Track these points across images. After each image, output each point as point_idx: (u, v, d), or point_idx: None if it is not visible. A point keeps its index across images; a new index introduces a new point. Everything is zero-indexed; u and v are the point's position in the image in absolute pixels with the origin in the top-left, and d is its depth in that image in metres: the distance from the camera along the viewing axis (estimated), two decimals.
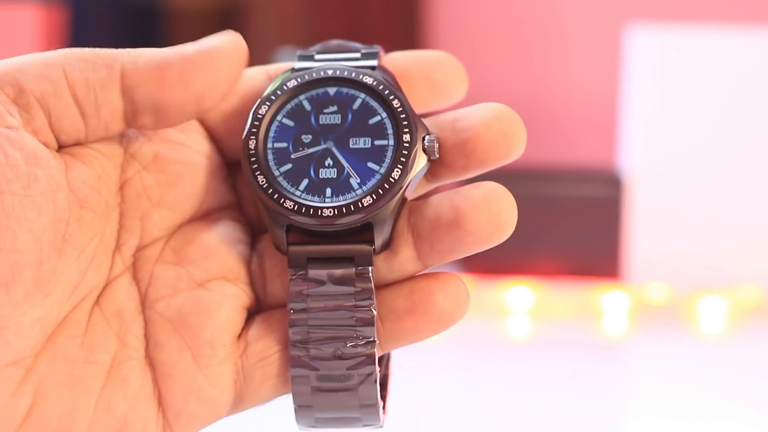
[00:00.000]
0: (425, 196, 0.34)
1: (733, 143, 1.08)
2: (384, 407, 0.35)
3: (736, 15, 1.23)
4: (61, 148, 0.32)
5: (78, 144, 0.33)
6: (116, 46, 0.33)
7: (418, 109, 0.35)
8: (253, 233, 0.36)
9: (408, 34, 1.23)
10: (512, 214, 0.33)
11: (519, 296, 1.03)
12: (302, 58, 0.35)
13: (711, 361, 0.88)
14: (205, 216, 0.35)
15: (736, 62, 1.08)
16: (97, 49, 0.32)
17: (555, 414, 0.73)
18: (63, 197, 0.31)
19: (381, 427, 0.35)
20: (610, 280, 1.07)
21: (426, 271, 0.34)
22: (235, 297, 0.34)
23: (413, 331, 0.33)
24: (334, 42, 0.36)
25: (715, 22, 1.18)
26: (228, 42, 0.33)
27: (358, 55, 0.35)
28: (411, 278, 0.34)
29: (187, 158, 0.34)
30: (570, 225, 1.09)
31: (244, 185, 0.36)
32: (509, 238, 0.33)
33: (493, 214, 0.32)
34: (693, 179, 1.09)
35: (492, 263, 1.05)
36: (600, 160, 1.23)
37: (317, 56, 0.35)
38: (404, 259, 0.34)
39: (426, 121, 0.34)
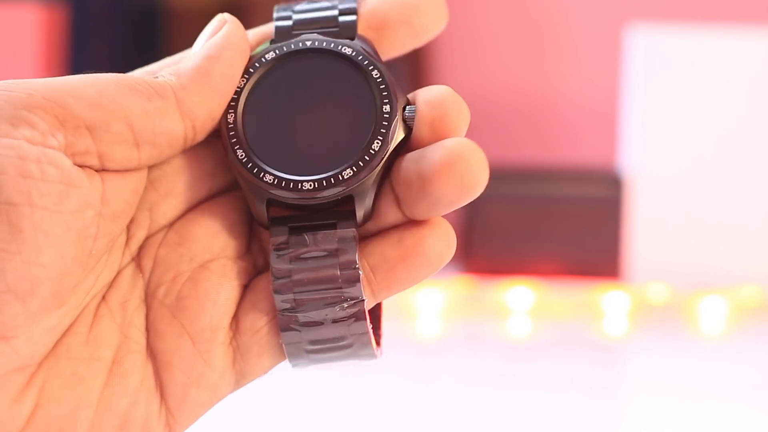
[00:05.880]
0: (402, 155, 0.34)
1: (734, 143, 1.08)
2: (378, 342, 0.35)
3: (736, 15, 1.23)
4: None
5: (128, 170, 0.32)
6: (116, 46, 0.33)
7: (398, 53, 0.35)
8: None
9: None
10: (478, 173, 0.32)
11: (519, 296, 1.03)
12: (280, 18, 0.35)
13: (711, 362, 0.88)
14: (209, 199, 0.34)
15: (736, 62, 1.08)
16: (143, 78, 0.32)
17: (554, 414, 0.73)
18: (92, 215, 0.31)
19: (377, 359, 0.34)
20: (611, 280, 1.07)
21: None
22: (236, 275, 0.33)
23: (405, 278, 0.33)
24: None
25: (715, 22, 1.18)
26: (233, 30, 0.34)
27: (335, 12, 0.35)
28: (396, 227, 0.33)
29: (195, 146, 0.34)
30: (570, 225, 1.09)
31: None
32: (509, 238, 0.33)
33: (458, 177, 0.31)
34: (693, 179, 1.09)
35: (492, 263, 1.05)
36: (600, 160, 1.23)
37: (294, 16, 0.35)
38: (390, 220, 0.33)
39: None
